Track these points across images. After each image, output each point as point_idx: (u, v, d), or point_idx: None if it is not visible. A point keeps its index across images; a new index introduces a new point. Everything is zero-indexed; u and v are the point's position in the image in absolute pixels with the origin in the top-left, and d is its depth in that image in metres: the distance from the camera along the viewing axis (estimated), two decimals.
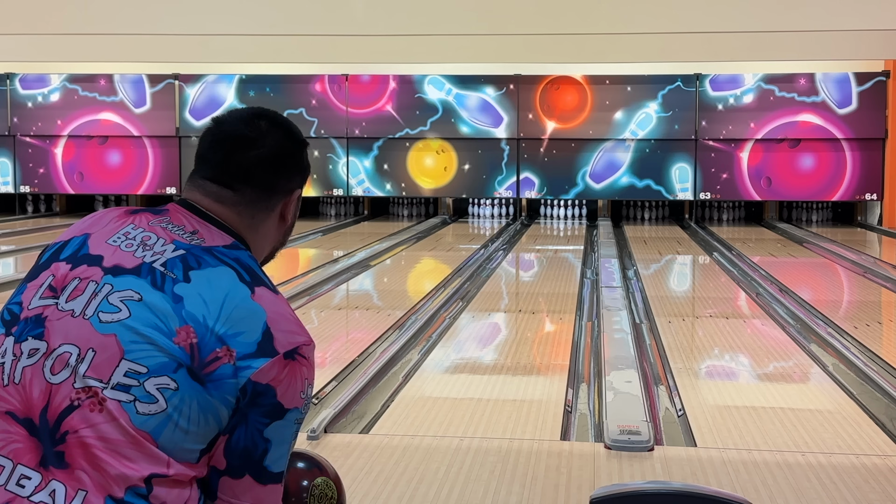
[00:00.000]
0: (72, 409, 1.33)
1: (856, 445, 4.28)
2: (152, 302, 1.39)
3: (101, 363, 1.35)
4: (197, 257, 1.44)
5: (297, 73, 15.11)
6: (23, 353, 1.37)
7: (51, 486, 1.30)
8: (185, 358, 1.36)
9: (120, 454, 1.32)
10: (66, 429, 1.33)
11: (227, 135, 1.59)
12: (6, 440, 1.34)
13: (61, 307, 1.41)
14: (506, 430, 4.52)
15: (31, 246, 11.67)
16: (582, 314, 7.56)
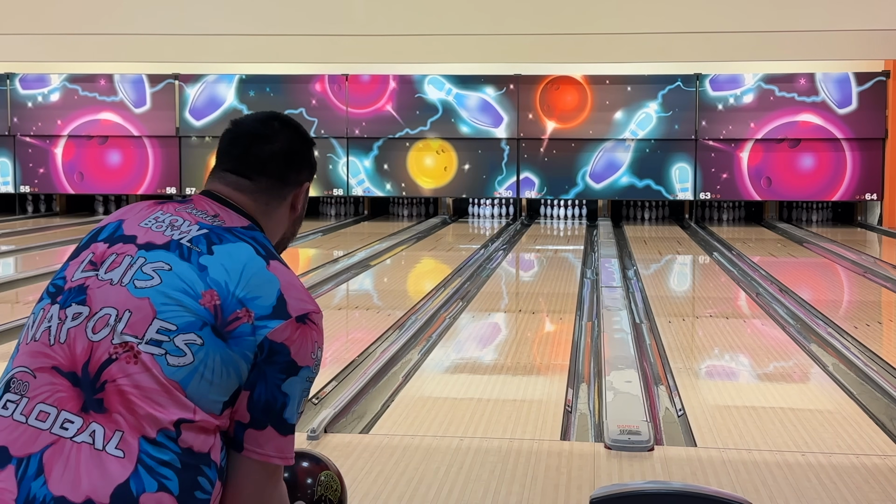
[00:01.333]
0: (110, 361, 1.52)
1: (856, 445, 4.28)
2: (180, 271, 1.58)
3: (137, 322, 1.54)
4: (218, 235, 1.64)
5: (297, 73, 15.11)
6: (67, 316, 1.58)
7: (91, 427, 1.49)
8: (210, 317, 1.54)
9: (152, 400, 1.49)
10: (105, 378, 1.51)
11: (245, 132, 1.77)
12: (52, 391, 1.52)
13: (101, 277, 1.60)
14: (506, 430, 4.52)
15: (31, 246, 11.67)
16: (582, 314, 7.56)
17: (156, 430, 1.49)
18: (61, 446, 1.48)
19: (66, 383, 1.52)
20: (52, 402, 1.52)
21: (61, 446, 1.48)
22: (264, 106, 15.17)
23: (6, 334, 6.57)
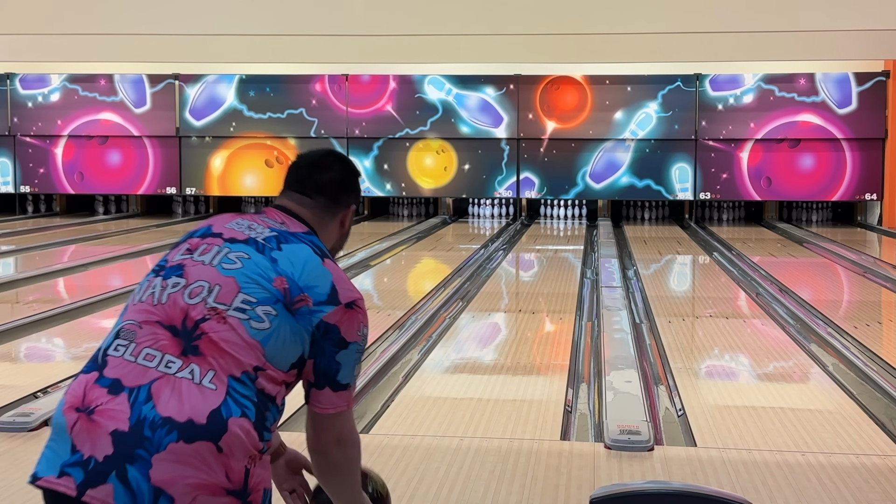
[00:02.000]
0: (204, 320, 1.92)
1: (856, 445, 4.28)
2: (257, 260, 2.01)
3: (224, 294, 1.95)
4: (285, 237, 2.08)
5: (297, 73, 15.10)
6: (168, 285, 1.98)
7: (190, 367, 1.87)
8: (281, 296, 1.97)
9: (237, 351, 1.90)
10: (200, 332, 1.91)
11: (307, 163, 2.33)
12: (155, 339, 1.90)
13: (195, 259, 2.02)
14: (506, 430, 4.52)
15: (31, 246, 11.67)
16: (582, 314, 7.56)
17: (240, 372, 1.89)
18: (166, 380, 1.85)
19: (168, 334, 1.91)
20: (156, 347, 1.90)
21: (166, 380, 1.85)
22: (264, 106, 15.20)
23: (6, 334, 6.58)
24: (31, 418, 4.43)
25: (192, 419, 1.81)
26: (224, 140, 15.38)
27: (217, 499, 1.82)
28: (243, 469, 1.85)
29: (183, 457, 1.79)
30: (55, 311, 7.36)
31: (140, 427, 1.79)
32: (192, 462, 1.79)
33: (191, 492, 1.79)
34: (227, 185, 15.52)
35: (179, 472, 1.78)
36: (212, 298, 1.94)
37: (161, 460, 1.78)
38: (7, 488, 3.70)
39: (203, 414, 1.82)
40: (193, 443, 1.80)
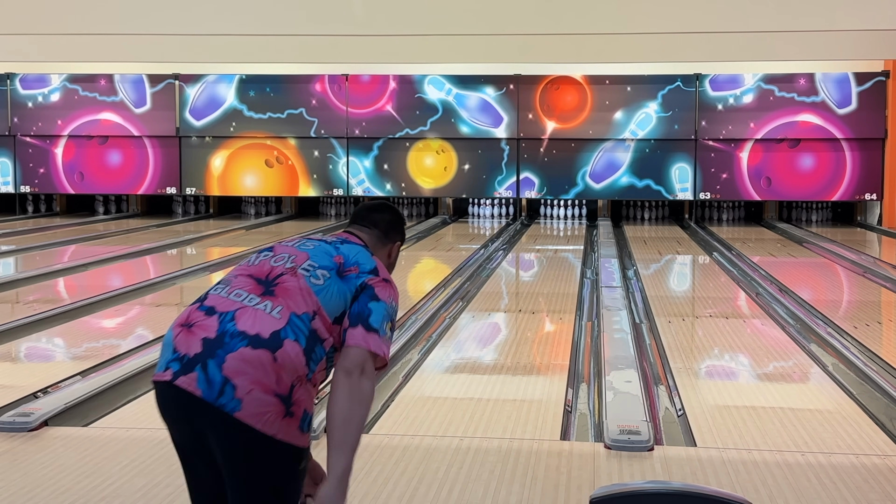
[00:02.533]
0: (281, 275, 2.55)
1: (855, 445, 4.28)
2: (325, 247, 2.66)
3: (298, 260, 2.60)
4: (346, 241, 2.73)
5: (297, 73, 15.10)
6: (260, 256, 2.66)
7: (265, 302, 2.48)
8: (336, 266, 2.60)
9: (300, 296, 2.50)
10: (277, 282, 2.54)
11: (368, 207, 2.91)
12: (244, 285, 2.54)
13: (281, 244, 2.71)
14: (506, 430, 4.53)
15: (31, 246, 11.67)
16: (582, 314, 7.56)
17: (300, 312, 2.47)
18: (247, 309, 2.47)
19: (254, 283, 2.55)
20: (244, 289, 2.53)
21: (247, 309, 2.47)
22: (264, 106, 15.20)
23: (6, 334, 6.58)
24: (31, 418, 4.43)
25: (259, 334, 2.41)
26: (224, 140, 15.39)
27: (266, 396, 2.36)
28: (290, 383, 2.40)
29: (248, 358, 2.37)
30: (55, 311, 7.36)
31: (222, 336, 2.40)
32: (253, 363, 2.36)
33: (249, 385, 2.34)
34: (228, 185, 15.52)
35: (244, 368, 2.36)
36: (289, 263, 2.60)
37: (232, 359, 2.37)
38: (7, 488, 3.71)
39: (267, 331, 2.42)
40: (257, 350, 2.38)
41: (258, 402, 2.34)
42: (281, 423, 2.37)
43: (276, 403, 2.36)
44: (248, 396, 2.33)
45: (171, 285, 8.99)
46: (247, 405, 2.33)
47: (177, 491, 3.66)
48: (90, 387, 5.07)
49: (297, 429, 2.42)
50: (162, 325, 7.04)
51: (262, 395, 2.35)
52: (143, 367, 5.54)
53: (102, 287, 8.70)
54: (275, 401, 2.36)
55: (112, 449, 4.15)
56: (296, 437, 2.42)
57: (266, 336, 2.41)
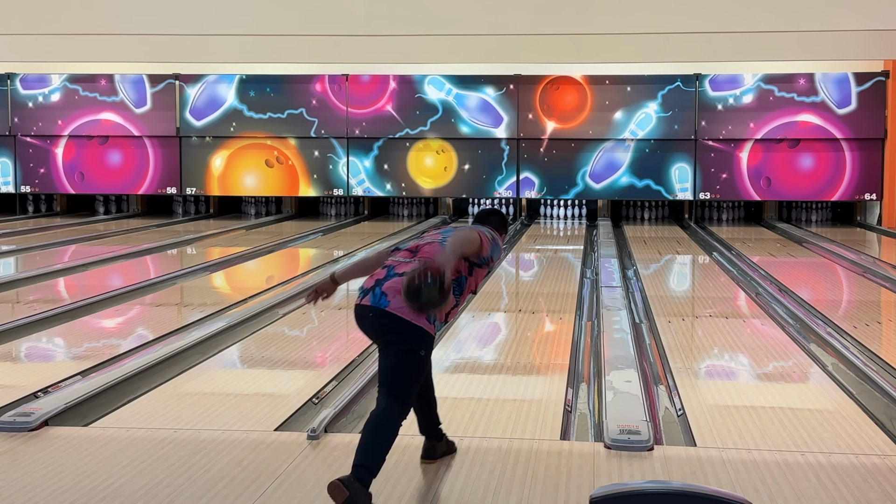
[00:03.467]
0: (424, 246, 3.75)
1: (855, 445, 4.28)
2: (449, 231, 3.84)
3: (436, 237, 3.79)
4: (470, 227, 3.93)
5: (297, 73, 15.11)
6: (411, 239, 3.90)
7: (414, 261, 3.66)
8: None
9: (434, 252, 3.66)
10: (419, 251, 3.74)
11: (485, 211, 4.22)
12: (403, 256, 3.73)
13: (429, 233, 3.93)
14: (506, 429, 4.53)
15: (31, 246, 11.68)
16: (582, 314, 7.56)
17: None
18: (402, 264, 3.70)
19: (409, 253, 3.76)
20: (402, 258, 3.74)
21: (402, 264, 3.70)
22: (265, 106, 15.20)
23: (6, 334, 6.59)
24: (31, 418, 4.43)
25: (406, 272, 3.61)
26: (224, 140, 15.40)
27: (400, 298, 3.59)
28: None
29: (397, 283, 3.60)
30: (55, 311, 7.37)
31: (387, 276, 3.66)
32: (399, 281, 3.60)
33: (394, 292, 3.59)
34: (228, 185, 15.52)
35: (393, 283, 3.61)
36: (427, 240, 3.80)
37: (387, 283, 3.63)
38: (7, 488, 3.71)
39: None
40: (403, 276, 3.60)
41: (400, 302, 3.57)
42: (412, 315, 3.57)
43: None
44: (393, 299, 3.58)
45: (171, 285, 9.00)
46: (392, 303, 3.58)
47: (177, 491, 3.67)
48: (90, 387, 5.07)
49: (424, 319, 3.61)
50: (162, 325, 7.04)
51: (402, 300, 3.56)
52: (144, 367, 5.54)
53: (102, 287, 8.70)
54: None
55: (112, 449, 4.15)
56: (423, 323, 3.61)
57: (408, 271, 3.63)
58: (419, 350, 3.63)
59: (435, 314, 3.63)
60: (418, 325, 3.58)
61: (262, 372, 5.77)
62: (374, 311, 3.61)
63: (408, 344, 3.59)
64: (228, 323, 6.91)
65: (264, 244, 12.04)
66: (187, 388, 5.34)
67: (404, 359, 3.59)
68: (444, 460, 4.01)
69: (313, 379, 5.53)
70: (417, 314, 3.57)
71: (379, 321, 3.61)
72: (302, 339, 6.80)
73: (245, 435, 4.35)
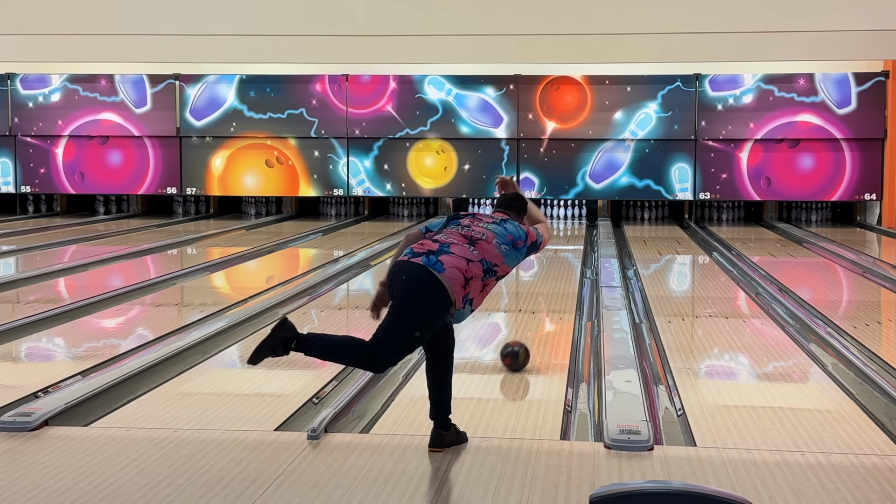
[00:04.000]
0: (481, 238, 4.11)
1: (855, 445, 4.29)
2: (498, 230, 4.19)
3: (489, 236, 4.13)
4: (506, 221, 4.29)
5: (297, 73, 15.12)
6: (461, 227, 4.20)
7: (469, 246, 4.07)
8: (511, 242, 4.17)
9: (493, 254, 4.09)
10: (478, 241, 4.10)
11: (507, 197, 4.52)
12: (458, 238, 4.10)
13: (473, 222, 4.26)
14: (506, 429, 4.53)
15: (31, 246, 11.68)
16: (582, 314, 7.57)
17: (490, 260, 4.06)
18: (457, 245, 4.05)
19: (464, 240, 4.07)
20: (457, 239, 4.07)
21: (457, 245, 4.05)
22: (265, 106, 15.21)
23: (6, 334, 6.59)
24: (31, 418, 4.43)
25: (464, 255, 4.00)
26: (224, 140, 15.40)
27: (457, 273, 3.95)
28: (472, 276, 3.98)
29: (453, 258, 3.97)
30: (55, 311, 7.37)
31: (441, 250, 4.00)
32: (455, 260, 3.97)
33: (450, 267, 3.94)
34: (228, 185, 15.53)
35: (450, 259, 3.97)
36: (484, 235, 4.12)
37: (444, 255, 3.98)
38: (7, 488, 3.71)
39: (469, 256, 4.01)
40: (459, 258, 3.98)
41: (452, 274, 3.94)
42: (457, 288, 3.94)
43: (460, 278, 3.95)
44: (448, 270, 3.94)
45: (172, 285, 9.00)
46: (447, 272, 3.93)
47: (177, 491, 3.67)
48: (90, 387, 5.07)
49: (461, 298, 3.96)
50: (162, 325, 7.05)
51: (454, 272, 3.94)
52: (144, 367, 5.55)
53: (103, 287, 8.70)
54: (461, 279, 3.95)
55: (112, 449, 4.16)
56: (457, 299, 3.95)
57: (467, 256, 4.00)
58: (427, 323, 3.94)
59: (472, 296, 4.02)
60: (453, 297, 3.92)
61: (262, 372, 5.77)
62: (423, 270, 3.92)
63: (423, 313, 3.92)
64: (228, 323, 6.91)
65: (264, 244, 12.04)
66: (187, 388, 5.34)
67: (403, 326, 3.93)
68: (446, 459, 4.01)
69: (313, 379, 5.53)
70: (462, 288, 3.95)
71: (422, 277, 3.90)
72: None
73: (245, 435, 4.35)
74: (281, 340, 3.92)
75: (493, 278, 4.10)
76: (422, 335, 3.97)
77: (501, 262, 4.10)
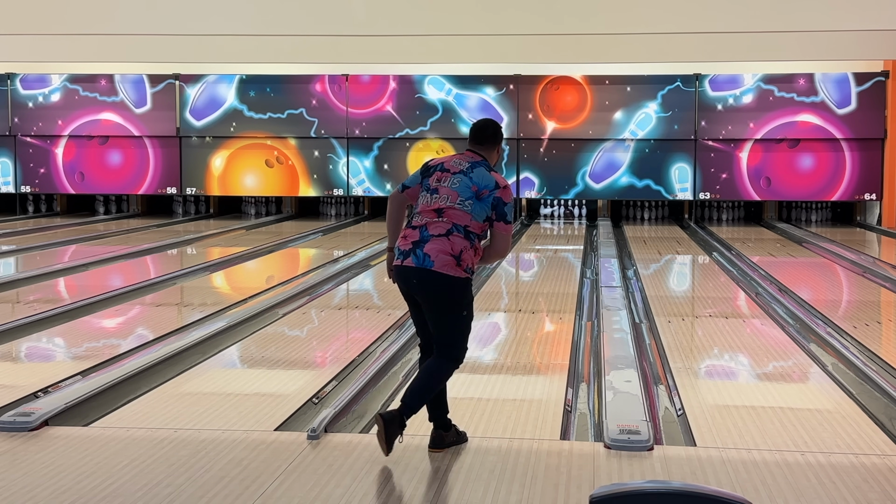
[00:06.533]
0: (448, 208, 4.11)
1: (855, 445, 4.29)
2: (464, 182, 4.14)
3: (452, 198, 4.12)
4: (474, 165, 4.19)
5: (297, 73, 15.12)
6: (432, 198, 4.15)
7: (441, 220, 4.10)
8: (474, 194, 4.12)
9: (459, 216, 4.09)
10: (445, 211, 4.10)
11: (476, 128, 4.32)
12: (429, 216, 4.11)
13: (441, 185, 4.15)
14: (506, 429, 4.54)
15: (31, 246, 11.68)
16: (582, 314, 7.57)
17: (461, 223, 4.07)
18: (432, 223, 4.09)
19: (434, 213, 4.10)
20: (427, 216, 4.10)
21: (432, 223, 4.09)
22: (265, 106, 15.22)
23: (6, 334, 6.59)
24: (31, 418, 4.43)
25: (441, 233, 4.05)
26: (224, 140, 15.40)
27: (447, 257, 4.02)
28: (460, 249, 4.05)
29: (435, 243, 4.03)
30: (55, 311, 7.37)
31: (422, 238, 4.06)
32: (438, 244, 4.03)
33: (438, 254, 4.02)
34: (228, 185, 15.53)
35: (433, 246, 4.03)
36: (447, 201, 4.10)
37: (428, 245, 4.04)
38: (7, 488, 3.71)
39: (442, 231, 4.06)
40: (439, 238, 4.04)
41: (443, 260, 4.02)
42: (454, 269, 4.03)
43: (451, 260, 4.03)
44: (437, 259, 4.02)
45: (172, 285, 9.00)
46: (437, 262, 4.01)
47: (177, 490, 3.67)
48: (90, 387, 5.07)
49: (462, 270, 4.05)
50: (162, 325, 7.05)
51: (445, 257, 4.02)
52: (144, 367, 5.55)
53: (102, 287, 8.70)
54: (451, 260, 4.03)
55: (112, 449, 4.16)
56: (461, 273, 4.05)
57: (444, 233, 4.05)
58: (465, 303, 4.09)
59: (469, 263, 4.09)
60: (458, 276, 4.03)
61: (262, 372, 5.77)
62: (419, 272, 4.02)
63: (455, 301, 4.05)
64: (228, 323, 6.91)
65: (264, 244, 12.04)
66: (187, 388, 5.34)
67: (452, 318, 4.07)
68: (446, 459, 4.01)
69: (313, 379, 5.53)
70: (456, 264, 4.03)
71: (427, 278, 4.02)
72: (302, 339, 6.80)
73: (245, 435, 4.35)
74: (394, 427, 3.92)
75: (476, 239, 4.12)
76: (468, 312, 4.13)
77: (470, 220, 4.07)
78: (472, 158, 4.22)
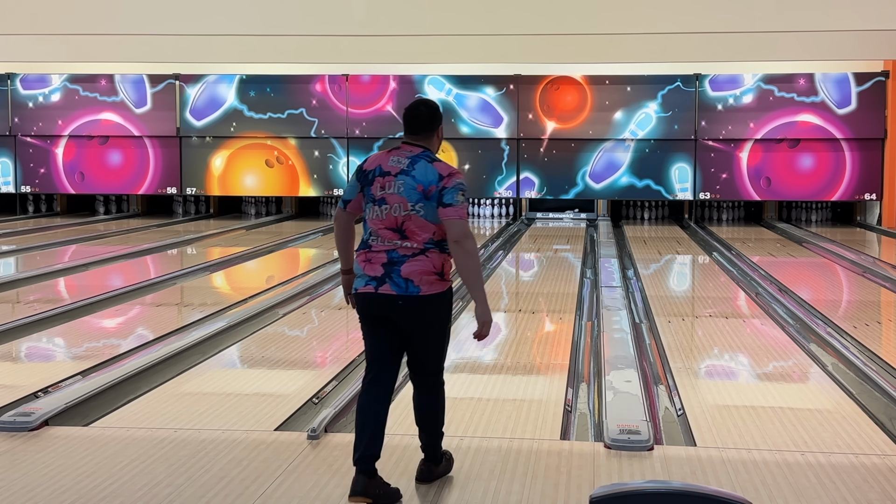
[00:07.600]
0: (404, 223, 3.65)
1: (855, 445, 4.29)
2: (408, 182, 3.67)
3: (403, 206, 3.65)
4: (414, 160, 3.72)
5: (297, 73, 15.11)
6: (383, 210, 3.69)
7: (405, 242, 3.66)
8: (421, 195, 3.64)
9: (422, 231, 3.66)
10: (404, 228, 3.66)
11: (409, 115, 3.94)
12: (388, 235, 3.67)
13: (386, 191, 3.68)
14: (506, 429, 4.53)
15: (31, 246, 11.68)
16: (582, 314, 7.57)
17: (427, 239, 3.66)
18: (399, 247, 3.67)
19: (396, 234, 3.67)
20: (387, 238, 3.69)
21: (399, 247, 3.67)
22: (265, 106, 15.22)
23: (6, 334, 6.59)
24: (32, 418, 4.43)
25: (414, 252, 3.65)
26: (224, 140, 15.40)
27: (430, 276, 3.67)
28: (441, 264, 3.69)
29: (413, 264, 3.65)
30: (55, 311, 7.37)
31: (395, 260, 3.66)
32: (417, 265, 3.65)
33: (421, 277, 3.65)
34: (228, 185, 15.53)
35: (412, 268, 3.65)
36: (402, 211, 3.66)
37: (405, 267, 3.65)
38: (7, 488, 3.71)
39: (420, 250, 3.66)
40: (416, 259, 3.66)
41: (428, 281, 3.67)
42: (440, 284, 3.70)
43: (435, 277, 3.68)
44: (421, 283, 3.65)
45: (172, 285, 9.00)
46: (423, 288, 3.66)
47: (177, 490, 3.67)
48: (90, 386, 5.07)
49: (446, 280, 3.73)
50: (162, 325, 7.04)
51: (428, 277, 3.67)
52: (144, 367, 5.54)
53: (102, 287, 8.70)
54: (435, 278, 3.68)
55: (112, 449, 4.16)
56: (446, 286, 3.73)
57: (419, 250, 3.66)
58: (448, 318, 3.88)
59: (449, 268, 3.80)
60: (445, 290, 3.74)
61: (262, 372, 5.78)
62: (404, 300, 3.66)
63: (443, 319, 3.83)
64: (228, 323, 6.91)
65: (264, 244, 12.04)
66: (187, 388, 5.34)
67: (439, 338, 3.88)
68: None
69: (313, 379, 5.53)
70: (440, 280, 3.73)
71: (415, 305, 3.68)
72: (302, 339, 6.80)
73: (245, 435, 4.35)
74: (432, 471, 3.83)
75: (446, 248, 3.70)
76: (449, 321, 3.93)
77: (433, 227, 3.65)
78: (410, 152, 3.74)
